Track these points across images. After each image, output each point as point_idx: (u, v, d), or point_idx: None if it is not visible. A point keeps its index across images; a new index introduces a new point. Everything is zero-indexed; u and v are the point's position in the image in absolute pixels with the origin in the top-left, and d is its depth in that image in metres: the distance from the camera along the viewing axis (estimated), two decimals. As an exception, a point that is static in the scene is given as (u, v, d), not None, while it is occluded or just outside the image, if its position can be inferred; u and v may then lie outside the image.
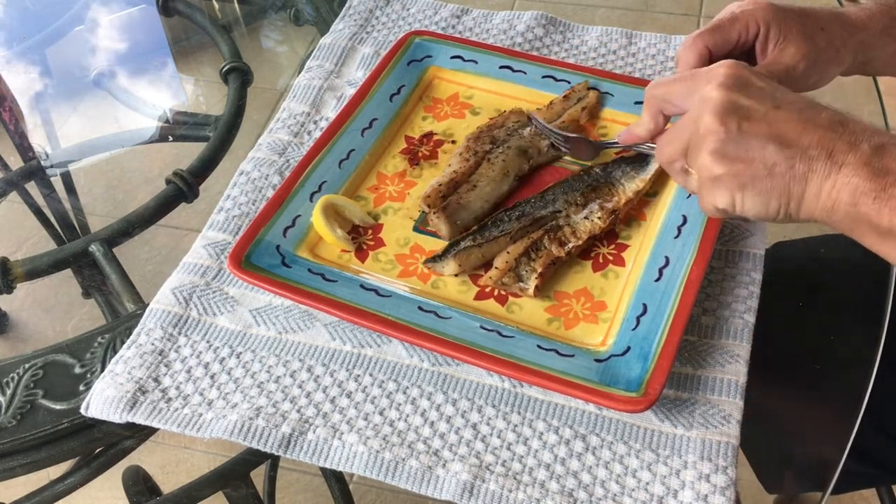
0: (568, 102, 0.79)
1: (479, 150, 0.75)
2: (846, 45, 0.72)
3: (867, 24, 0.73)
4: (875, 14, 0.74)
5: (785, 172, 0.53)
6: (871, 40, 0.73)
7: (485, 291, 0.68)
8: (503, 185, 0.74)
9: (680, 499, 0.57)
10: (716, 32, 0.72)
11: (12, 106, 1.15)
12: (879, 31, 0.73)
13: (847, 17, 0.73)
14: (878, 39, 0.73)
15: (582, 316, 0.66)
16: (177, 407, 0.63)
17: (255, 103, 0.98)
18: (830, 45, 0.72)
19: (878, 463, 0.89)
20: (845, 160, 0.52)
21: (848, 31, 0.72)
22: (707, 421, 0.60)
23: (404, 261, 0.70)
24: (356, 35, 0.92)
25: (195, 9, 1.12)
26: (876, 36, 0.73)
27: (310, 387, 0.64)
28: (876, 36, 0.73)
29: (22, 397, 0.67)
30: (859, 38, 0.73)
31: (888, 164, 0.51)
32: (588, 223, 0.69)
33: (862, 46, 0.73)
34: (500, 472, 0.58)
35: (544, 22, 0.91)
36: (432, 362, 0.65)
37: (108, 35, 1.17)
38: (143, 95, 1.08)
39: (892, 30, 0.74)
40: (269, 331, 0.67)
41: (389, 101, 0.81)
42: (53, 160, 1.11)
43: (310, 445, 0.60)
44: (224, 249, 0.72)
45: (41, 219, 1.19)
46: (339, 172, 0.75)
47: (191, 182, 0.87)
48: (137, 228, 0.84)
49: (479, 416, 0.62)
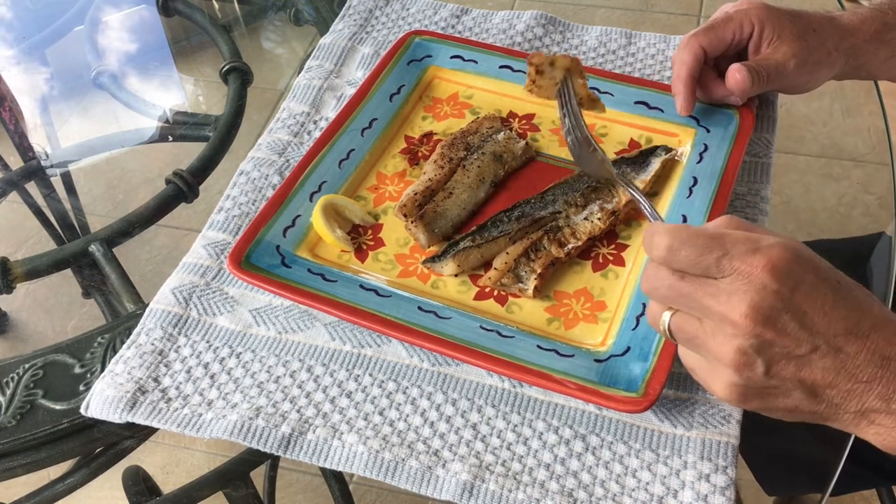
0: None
1: (453, 156, 0.75)
2: (838, 48, 0.72)
3: (859, 28, 0.73)
4: (867, 18, 0.74)
5: (806, 412, 0.50)
6: (862, 45, 0.73)
7: (484, 291, 0.68)
8: (479, 191, 0.74)
9: (680, 499, 0.57)
10: (710, 32, 0.72)
11: (12, 106, 1.15)
12: (870, 36, 0.73)
13: (839, 20, 0.74)
14: (868, 44, 0.74)
15: (582, 316, 0.66)
16: (177, 407, 0.63)
17: (255, 103, 0.98)
18: (822, 47, 0.72)
19: (876, 466, 0.89)
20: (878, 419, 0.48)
21: (840, 35, 0.73)
22: (707, 421, 0.60)
23: (404, 261, 0.70)
24: (356, 35, 0.92)
25: (195, 9, 1.12)
26: (867, 40, 0.73)
27: (310, 387, 0.64)
28: (867, 40, 0.73)
29: (22, 397, 0.67)
30: (850, 43, 0.73)
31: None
32: (588, 224, 0.69)
33: (853, 51, 0.73)
34: (500, 472, 0.58)
35: (544, 22, 0.91)
36: (432, 362, 0.65)
37: (108, 35, 1.16)
38: (143, 95, 1.08)
39: (883, 35, 0.74)
40: (269, 331, 0.67)
41: (389, 100, 0.81)
42: (53, 160, 1.11)
43: (310, 445, 0.60)
44: (224, 249, 0.72)
45: (41, 219, 1.19)
46: (338, 172, 0.75)
47: (191, 182, 0.87)
48: (137, 228, 0.84)
49: (479, 416, 0.62)
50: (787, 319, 0.46)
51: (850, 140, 1.64)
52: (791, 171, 1.53)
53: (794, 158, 1.61)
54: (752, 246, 0.47)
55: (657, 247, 0.50)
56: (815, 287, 0.47)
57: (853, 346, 0.47)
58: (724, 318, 0.47)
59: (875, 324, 0.47)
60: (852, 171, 1.59)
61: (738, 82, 0.71)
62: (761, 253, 0.47)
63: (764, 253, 0.47)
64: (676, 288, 0.50)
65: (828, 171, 1.61)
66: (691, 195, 0.70)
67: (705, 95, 0.75)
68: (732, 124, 0.74)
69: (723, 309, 0.47)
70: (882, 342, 0.47)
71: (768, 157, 0.77)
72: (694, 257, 0.48)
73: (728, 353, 0.48)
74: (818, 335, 0.47)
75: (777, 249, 0.47)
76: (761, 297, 0.46)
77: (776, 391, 0.49)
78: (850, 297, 0.48)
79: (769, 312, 0.46)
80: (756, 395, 0.49)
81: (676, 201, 0.71)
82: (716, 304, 0.48)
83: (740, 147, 0.72)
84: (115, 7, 1.21)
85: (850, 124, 1.66)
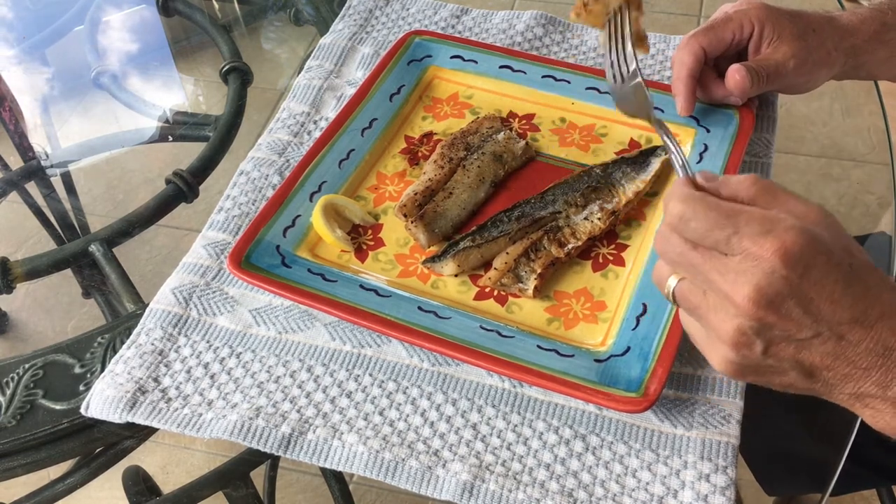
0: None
1: (453, 156, 0.75)
2: (837, 48, 0.72)
3: (858, 28, 0.73)
4: (867, 19, 0.74)
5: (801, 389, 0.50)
6: (862, 45, 0.73)
7: (484, 291, 0.68)
8: (479, 191, 0.74)
9: (680, 499, 0.57)
10: (710, 32, 0.72)
11: (12, 106, 1.15)
12: (870, 37, 0.73)
13: (839, 21, 0.74)
14: (867, 44, 0.74)
15: (582, 316, 0.66)
16: (177, 407, 0.63)
17: (255, 103, 0.98)
18: (822, 47, 0.72)
19: (876, 466, 0.89)
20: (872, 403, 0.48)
21: (839, 35, 0.73)
22: (707, 421, 0.60)
23: (404, 261, 0.70)
24: (356, 35, 0.92)
25: (195, 9, 1.12)
26: (866, 41, 0.73)
27: (310, 387, 0.64)
28: (866, 41, 0.73)
29: (22, 397, 0.67)
30: (850, 43, 0.73)
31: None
32: (588, 224, 0.69)
33: (853, 51, 0.73)
34: (500, 472, 0.58)
35: (544, 21, 0.91)
36: (432, 362, 0.65)
37: (108, 35, 1.16)
38: (143, 95, 1.08)
39: (883, 35, 0.74)
40: (269, 331, 0.67)
41: (389, 100, 0.81)
42: (53, 160, 1.11)
43: (310, 445, 0.60)
44: (224, 249, 0.72)
45: (41, 219, 1.19)
46: (338, 172, 0.75)
47: (191, 182, 0.87)
48: (137, 228, 0.84)
49: (479, 416, 0.62)
50: (792, 305, 0.46)
51: (850, 140, 1.64)
52: (791, 171, 1.52)
53: (794, 158, 1.60)
54: (765, 227, 0.46)
55: (670, 213, 0.49)
56: (826, 273, 0.46)
57: (857, 334, 0.46)
58: (727, 296, 0.47)
59: (883, 312, 0.47)
60: (852, 171, 1.59)
61: (738, 83, 0.71)
62: (774, 235, 0.46)
63: (777, 236, 0.46)
64: (686, 256, 0.49)
65: (828, 171, 1.61)
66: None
67: (705, 96, 0.75)
68: (732, 124, 0.74)
69: (728, 288, 0.47)
70: (887, 332, 0.46)
71: (768, 157, 0.77)
72: (704, 231, 0.48)
73: (728, 330, 0.48)
74: (822, 322, 0.46)
75: (792, 234, 0.46)
76: (768, 281, 0.45)
77: (772, 369, 0.49)
78: (861, 283, 0.47)
79: (774, 297, 0.46)
80: (752, 372, 0.50)
81: (676, 201, 0.70)
82: (722, 282, 0.47)
83: (740, 147, 0.72)
84: (115, 7, 1.21)
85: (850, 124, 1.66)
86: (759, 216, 0.47)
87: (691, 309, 0.51)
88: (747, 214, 0.47)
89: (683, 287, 0.51)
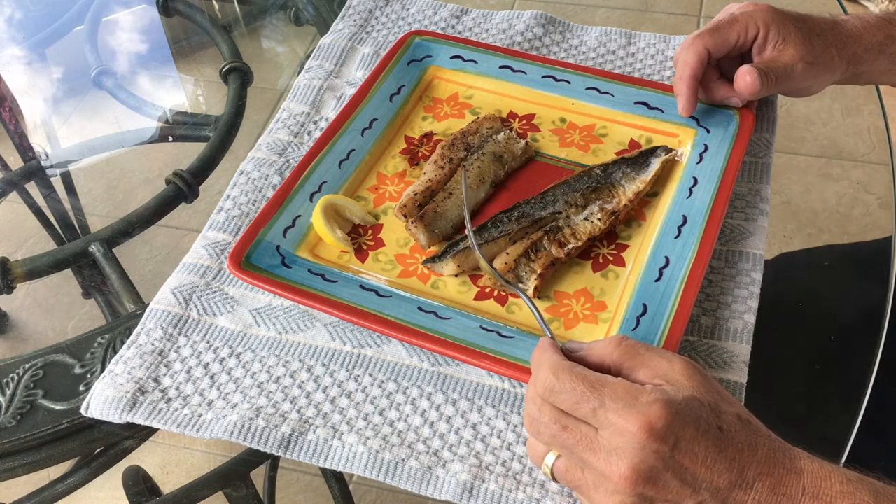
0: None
1: (453, 157, 0.75)
2: (841, 53, 0.72)
3: (861, 36, 0.73)
4: (872, 27, 0.74)
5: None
6: (863, 53, 0.73)
7: (484, 292, 0.68)
8: (479, 192, 0.74)
9: (680, 499, 0.57)
10: (715, 33, 0.72)
11: (12, 106, 1.15)
12: (872, 46, 0.73)
13: (843, 26, 0.73)
14: (868, 53, 0.73)
15: (582, 316, 0.66)
16: (177, 407, 0.63)
17: (255, 103, 0.98)
18: (826, 51, 0.72)
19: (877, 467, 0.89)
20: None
21: (843, 41, 0.72)
22: (707, 421, 0.60)
23: (404, 261, 0.70)
24: (356, 35, 0.92)
25: (195, 9, 1.12)
26: (867, 50, 0.73)
27: (310, 387, 0.64)
28: (867, 50, 0.73)
29: (22, 397, 0.67)
30: (852, 50, 0.73)
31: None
32: (588, 224, 0.69)
33: (854, 58, 0.73)
34: (499, 473, 0.58)
35: (544, 22, 0.91)
36: (432, 362, 0.65)
37: (109, 35, 1.17)
38: (143, 95, 1.08)
39: (886, 47, 0.73)
40: (269, 331, 0.67)
41: (389, 101, 0.81)
42: (53, 160, 1.11)
43: (310, 446, 0.60)
44: (224, 249, 0.72)
45: (41, 219, 1.18)
46: (339, 172, 0.75)
47: (191, 182, 0.87)
48: (137, 228, 0.84)
49: (479, 417, 0.62)
50: (669, 477, 0.47)
51: (850, 140, 1.64)
52: (791, 171, 1.53)
53: (794, 158, 1.61)
54: (629, 401, 0.47)
55: (540, 383, 0.51)
56: (696, 442, 0.47)
57: (738, 497, 0.47)
58: (604, 475, 0.48)
59: (760, 472, 0.47)
60: (852, 171, 1.59)
61: (749, 84, 0.70)
62: (637, 410, 0.47)
63: (640, 411, 0.47)
64: (559, 438, 0.50)
65: (828, 171, 1.61)
66: (691, 195, 0.70)
67: (707, 96, 0.75)
68: (732, 125, 0.74)
69: (603, 467, 0.48)
70: (767, 491, 0.47)
71: (768, 157, 0.77)
72: (571, 403, 0.49)
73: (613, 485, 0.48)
74: (702, 490, 0.47)
75: (655, 408, 0.47)
76: (640, 458, 0.46)
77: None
78: (734, 445, 0.48)
79: (649, 473, 0.47)
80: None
81: (676, 201, 0.71)
82: (596, 461, 0.48)
83: (740, 147, 0.72)
84: (116, 7, 1.21)
85: (850, 124, 1.66)
86: (622, 390, 0.48)
87: (572, 486, 0.52)
88: (611, 388, 0.48)
89: (561, 466, 0.52)
